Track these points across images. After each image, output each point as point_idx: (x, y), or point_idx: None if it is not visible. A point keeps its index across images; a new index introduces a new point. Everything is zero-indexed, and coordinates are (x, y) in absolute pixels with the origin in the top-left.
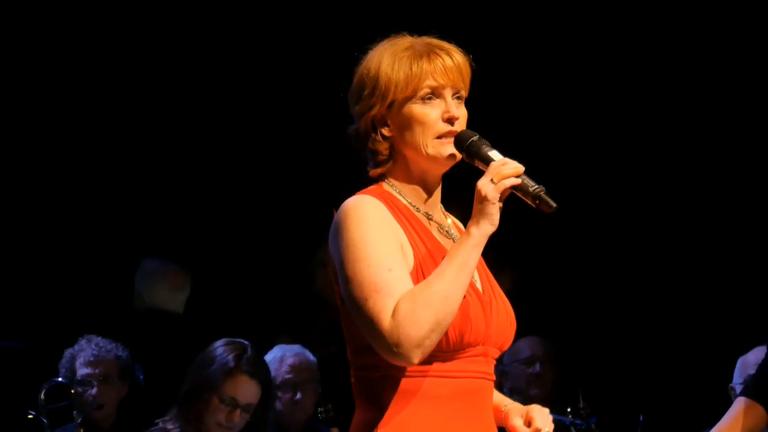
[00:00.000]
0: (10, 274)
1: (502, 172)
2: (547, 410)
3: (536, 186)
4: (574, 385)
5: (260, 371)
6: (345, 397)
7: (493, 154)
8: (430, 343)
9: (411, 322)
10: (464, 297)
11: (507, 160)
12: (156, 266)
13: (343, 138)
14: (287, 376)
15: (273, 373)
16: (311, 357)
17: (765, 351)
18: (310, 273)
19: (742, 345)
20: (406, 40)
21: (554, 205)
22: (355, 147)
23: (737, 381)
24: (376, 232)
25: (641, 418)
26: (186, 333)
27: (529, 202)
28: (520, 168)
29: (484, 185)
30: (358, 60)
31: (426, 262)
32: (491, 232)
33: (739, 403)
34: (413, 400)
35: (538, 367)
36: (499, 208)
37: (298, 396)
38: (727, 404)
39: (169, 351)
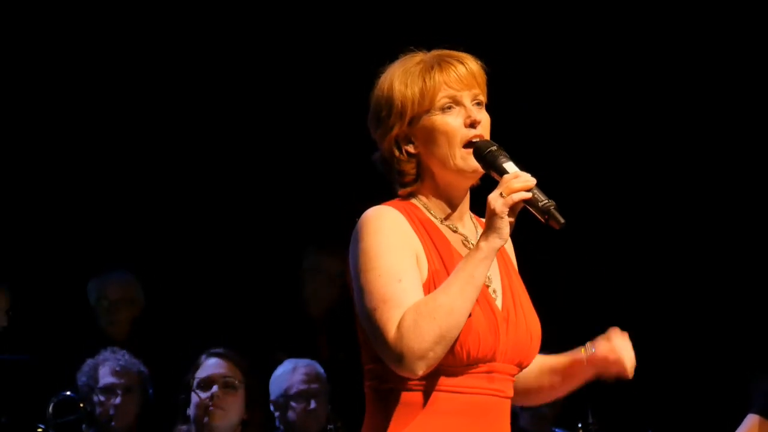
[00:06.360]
0: (17, 287)
1: (511, 186)
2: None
3: (546, 201)
4: (583, 401)
5: (232, 354)
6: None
7: (508, 166)
8: (435, 356)
9: (414, 334)
10: (473, 312)
11: (519, 172)
12: None
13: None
14: (301, 387)
15: (286, 384)
16: (320, 369)
17: None
18: (298, 281)
19: (751, 360)
20: (416, 56)
21: (563, 220)
22: (383, 172)
23: None
24: (390, 243)
25: None
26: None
27: (539, 217)
28: (531, 182)
29: (494, 199)
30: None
31: (439, 274)
32: (500, 246)
33: (750, 420)
34: (418, 414)
35: None
36: (511, 222)
37: (312, 405)
38: (737, 420)
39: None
